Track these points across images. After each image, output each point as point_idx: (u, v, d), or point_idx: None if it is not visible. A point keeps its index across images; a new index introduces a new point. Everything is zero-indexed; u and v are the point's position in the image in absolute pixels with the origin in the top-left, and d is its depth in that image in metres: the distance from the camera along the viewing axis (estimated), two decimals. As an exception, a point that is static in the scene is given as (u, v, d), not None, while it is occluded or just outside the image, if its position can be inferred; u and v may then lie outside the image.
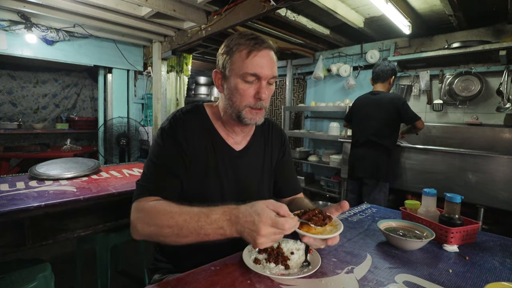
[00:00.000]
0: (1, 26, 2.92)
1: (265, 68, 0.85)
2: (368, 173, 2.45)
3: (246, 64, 0.84)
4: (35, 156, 3.60)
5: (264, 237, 0.62)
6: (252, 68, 0.84)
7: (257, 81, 0.86)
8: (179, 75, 3.99)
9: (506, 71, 2.58)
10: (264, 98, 0.87)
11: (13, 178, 1.60)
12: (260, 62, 0.85)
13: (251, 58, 0.84)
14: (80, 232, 1.38)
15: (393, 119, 2.35)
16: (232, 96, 0.88)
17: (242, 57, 0.85)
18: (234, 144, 0.97)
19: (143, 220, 0.76)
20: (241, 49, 0.85)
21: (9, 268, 1.22)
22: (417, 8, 2.59)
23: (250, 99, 0.87)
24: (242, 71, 0.85)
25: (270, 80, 0.88)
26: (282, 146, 1.10)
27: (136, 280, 2.09)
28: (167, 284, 0.67)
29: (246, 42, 0.85)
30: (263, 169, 1.02)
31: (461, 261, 0.84)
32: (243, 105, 0.87)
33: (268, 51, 0.87)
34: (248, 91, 0.86)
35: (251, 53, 0.84)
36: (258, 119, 0.90)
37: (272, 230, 0.62)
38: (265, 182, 1.03)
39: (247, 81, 0.85)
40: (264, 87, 0.87)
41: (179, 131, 0.89)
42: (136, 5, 2.66)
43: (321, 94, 4.16)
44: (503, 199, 2.12)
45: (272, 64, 0.87)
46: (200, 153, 0.91)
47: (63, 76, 4.94)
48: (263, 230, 0.62)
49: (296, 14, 2.73)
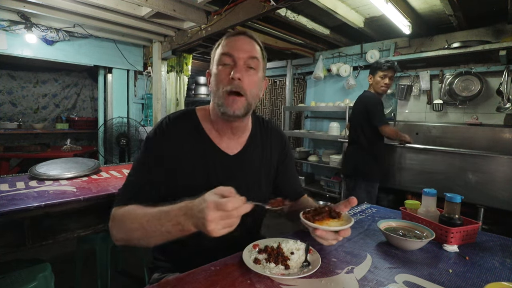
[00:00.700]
0: (1, 26, 2.92)
1: (240, 48, 0.84)
2: (347, 170, 2.61)
3: (222, 47, 0.86)
4: (35, 156, 3.60)
5: (212, 222, 0.60)
6: (227, 49, 0.85)
7: (233, 64, 0.84)
8: (179, 75, 3.99)
9: (506, 71, 2.58)
10: (237, 77, 0.82)
11: (13, 178, 1.60)
12: (235, 43, 0.85)
13: (227, 40, 0.87)
14: (80, 232, 1.38)
15: (366, 118, 2.38)
16: (213, 85, 0.88)
17: (221, 43, 0.88)
18: (228, 149, 0.93)
19: (115, 227, 0.79)
20: (221, 40, 0.89)
21: (9, 268, 1.22)
22: (417, 8, 2.59)
23: (225, 81, 0.84)
24: (218, 55, 0.86)
25: (249, 63, 0.85)
26: (283, 150, 1.05)
27: (136, 280, 2.09)
28: (167, 284, 0.67)
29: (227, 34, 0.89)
30: (261, 173, 0.98)
31: (461, 261, 0.84)
32: (220, 90, 0.85)
33: (245, 37, 0.88)
34: (224, 73, 0.84)
35: (228, 37, 0.87)
36: (236, 108, 0.83)
37: (218, 213, 0.60)
38: (263, 187, 0.99)
39: (223, 63, 0.85)
40: (238, 66, 0.83)
41: (163, 141, 0.86)
42: (136, 5, 2.66)
43: (321, 94, 4.16)
44: (503, 199, 2.12)
45: (250, 46, 0.86)
46: (188, 160, 0.87)
47: (63, 76, 4.94)
48: (209, 215, 0.60)
49: (296, 14, 2.73)
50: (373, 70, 2.41)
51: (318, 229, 0.74)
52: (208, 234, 0.62)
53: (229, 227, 0.63)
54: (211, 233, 0.61)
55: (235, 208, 0.61)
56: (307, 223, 0.75)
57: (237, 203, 0.62)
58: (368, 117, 2.36)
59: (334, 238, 0.75)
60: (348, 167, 2.60)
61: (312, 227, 0.75)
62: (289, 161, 1.08)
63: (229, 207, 0.60)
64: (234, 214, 0.62)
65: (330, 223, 0.77)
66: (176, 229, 0.67)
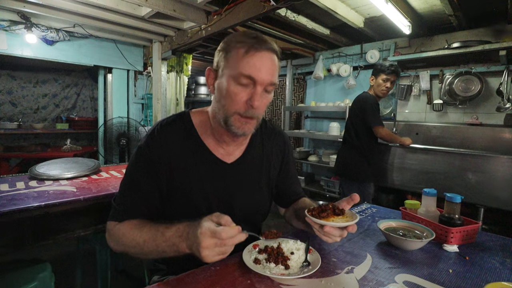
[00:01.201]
0: (1, 26, 2.93)
1: (263, 71, 0.74)
2: (337, 169, 2.63)
3: (241, 64, 0.74)
4: (35, 156, 3.60)
5: (206, 249, 0.62)
6: (248, 69, 0.74)
7: (252, 86, 0.76)
8: (179, 75, 3.99)
9: (506, 71, 2.58)
10: (257, 106, 0.76)
11: (13, 178, 1.60)
12: (258, 63, 0.74)
13: (248, 57, 0.74)
14: (80, 232, 1.38)
15: (361, 118, 2.39)
16: (222, 98, 0.78)
17: (239, 56, 0.75)
18: (225, 156, 0.88)
19: (113, 241, 0.80)
20: (239, 46, 0.75)
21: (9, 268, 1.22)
22: (417, 8, 2.59)
23: (240, 105, 0.76)
24: (236, 71, 0.74)
25: (267, 88, 0.78)
26: (285, 152, 1.02)
27: (136, 280, 2.09)
28: (167, 284, 0.67)
29: (246, 40, 0.76)
30: (261, 180, 0.94)
31: (461, 261, 0.84)
32: (232, 110, 0.77)
33: (270, 53, 0.77)
34: (240, 95, 0.76)
35: (249, 51, 0.74)
36: (247, 129, 0.80)
37: (212, 241, 0.62)
38: (263, 194, 0.95)
39: (240, 83, 0.75)
40: (258, 93, 0.76)
41: (155, 151, 0.81)
42: (136, 5, 2.66)
43: (321, 94, 4.16)
44: (503, 199, 2.12)
45: (272, 69, 0.77)
46: (183, 170, 0.83)
47: (63, 76, 4.94)
48: (204, 241, 0.62)
49: (296, 14, 2.73)
50: (376, 72, 2.40)
51: (325, 226, 0.74)
52: (201, 260, 0.64)
53: (222, 255, 0.65)
54: (204, 259, 0.63)
55: (230, 238, 0.63)
56: (315, 220, 0.75)
57: (232, 233, 0.63)
58: (362, 117, 2.36)
59: (340, 235, 0.74)
60: (338, 166, 2.60)
61: (319, 224, 0.75)
62: (291, 162, 1.05)
63: (224, 236, 0.62)
64: (228, 243, 0.64)
65: (336, 220, 0.77)
66: (171, 250, 0.70)
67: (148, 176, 0.82)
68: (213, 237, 0.62)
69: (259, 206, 0.95)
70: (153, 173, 0.82)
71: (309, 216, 0.77)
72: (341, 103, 3.61)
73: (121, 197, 0.84)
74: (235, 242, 0.64)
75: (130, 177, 0.85)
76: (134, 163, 0.85)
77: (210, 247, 0.63)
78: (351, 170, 2.45)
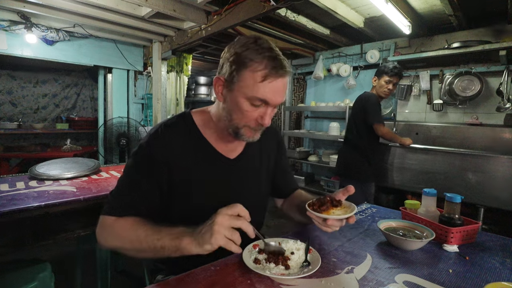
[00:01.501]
0: (1, 26, 2.92)
1: (277, 96, 0.77)
2: (339, 169, 2.63)
3: (258, 88, 0.75)
4: (35, 156, 3.60)
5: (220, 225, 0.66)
6: (264, 95, 0.76)
7: (264, 106, 0.79)
8: (179, 75, 3.99)
9: (506, 71, 2.58)
10: (267, 125, 0.81)
11: (13, 178, 1.60)
12: (273, 90, 0.76)
13: (265, 84, 0.75)
14: (80, 232, 1.38)
15: (362, 117, 2.38)
16: (233, 111, 0.80)
17: (255, 79, 0.75)
18: (228, 152, 0.90)
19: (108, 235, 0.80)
20: (255, 67, 0.74)
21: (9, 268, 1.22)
22: (417, 8, 2.59)
23: (251, 121, 0.80)
24: (252, 94, 0.76)
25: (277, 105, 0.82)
26: (279, 147, 1.07)
27: (136, 280, 2.09)
28: (167, 284, 0.67)
29: (263, 61, 0.74)
30: (261, 173, 0.98)
31: (461, 261, 0.84)
32: (242, 124, 0.81)
33: (286, 78, 0.78)
34: (252, 113, 0.79)
35: (266, 78, 0.74)
36: (256, 137, 0.85)
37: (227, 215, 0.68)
38: (264, 186, 1.00)
39: (253, 104, 0.78)
40: (269, 113, 0.80)
41: (157, 150, 0.82)
42: (136, 5, 2.66)
43: (321, 94, 4.16)
44: (503, 199, 2.12)
45: (284, 91, 0.80)
46: (185, 168, 0.84)
47: (63, 76, 4.94)
48: (219, 217, 0.67)
49: (296, 14, 2.73)
50: (379, 73, 2.40)
51: (328, 219, 0.78)
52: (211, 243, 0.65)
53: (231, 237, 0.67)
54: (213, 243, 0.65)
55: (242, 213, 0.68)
56: (317, 215, 0.79)
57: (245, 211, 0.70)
58: (364, 116, 2.36)
59: (340, 225, 0.80)
60: (339, 166, 2.61)
61: (322, 217, 0.79)
62: (284, 155, 1.10)
63: (238, 208, 0.69)
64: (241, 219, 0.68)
65: (335, 211, 0.81)
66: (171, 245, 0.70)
67: (149, 175, 0.82)
68: (229, 210, 0.68)
69: (262, 199, 0.99)
70: (154, 172, 0.82)
71: (311, 211, 0.80)
72: (341, 103, 3.61)
73: (119, 193, 0.83)
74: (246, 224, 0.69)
75: (130, 175, 0.84)
76: (134, 162, 0.85)
77: (225, 222, 0.66)
78: (352, 170, 2.45)
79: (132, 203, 0.81)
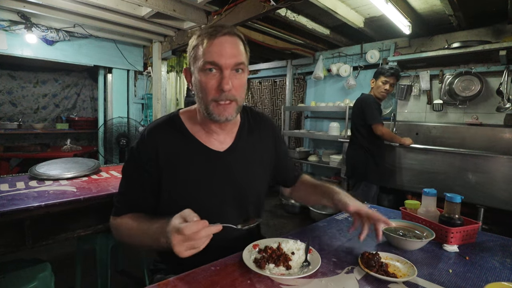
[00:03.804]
0: (1, 26, 2.93)
1: (224, 55, 0.78)
2: (347, 172, 2.68)
3: (204, 54, 0.79)
4: (35, 156, 3.60)
5: (176, 246, 0.64)
6: (210, 56, 0.78)
7: (219, 72, 0.79)
8: (179, 75, 3.99)
9: (506, 71, 2.58)
10: (228, 89, 0.79)
11: (13, 178, 1.60)
12: (218, 49, 0.78)
13: (208, 46, 0.78)
14: (80, 232, 1.38)
15: (362, 119, 2.42)
16: (198, 91, 0.83)
17: (201, 49, 0.79)
18: (218, 145, 0.91)
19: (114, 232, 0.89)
20: (200, 39, 0.81)
21: (9, 268, 1.22)
22: (417, 8, 2.59)
23: (213, 92, 0.80)
24: (201, 64, 0.79)
25: (237, 67, 0.81)
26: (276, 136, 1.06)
27: (136, 280, 2.09)
28: (167, 284, 0.67)
29: (205, 31, 0.81)
30: (256, 164, 0.97)
31: (461, 261, 0.84)
32: (208, 99, 0.81)
33: (229, 37, 0.80)
34: (210, 83, 0.80)
35: (208, 40, 0.79)
36: (228, 114, 0.82)
37: (180, 237, 0.64)
38: (259, 177, 0.99)
39: (207, 72, 0.79)
40: (226, 76, 0.79)
41: (146, 152, 0.85)
42: (136, 5, 2.66)
43: (321, 94, 4.16)
44: (503, 199, 2.12)
45: (234, 50, 0.80)
46: (177, 165, 0.86)
47: (63, 76, 4.94)
48: (172, 238, 0.65)
49: (296, 14, 2.73)
50: (376, 74, 2.46)
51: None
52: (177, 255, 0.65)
53: (194, 249, 0.65)
54: (178, 254, 0.65)
55: (194, 232, 0.63)
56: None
57: (194, 228, 0.63)
58: (364, 117, 2.39)
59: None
60: (347, 168, 2.67)
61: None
62: (282, 144, 1.10)
63: (186, 232, 0.63)
64: (195, 237, 0.64)
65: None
66: (156, 244, 0.73)
67: (139, 177, 0.87)
68: (179, 234, 0.64)
69: (257, 189, 0.98)
70: (144, 174, 0.86)
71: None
72: (341, 103, 3.61)
73: (118, 195, 0.91)
74: (202, 236, 0.64)
75: (124, 177, 0.92)
76: (126, 164, 0.93)
77: (179, 243, 0.64)
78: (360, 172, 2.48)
79: (127, 204, 0.88)
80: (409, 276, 0.71)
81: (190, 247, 0.65)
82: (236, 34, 0.82)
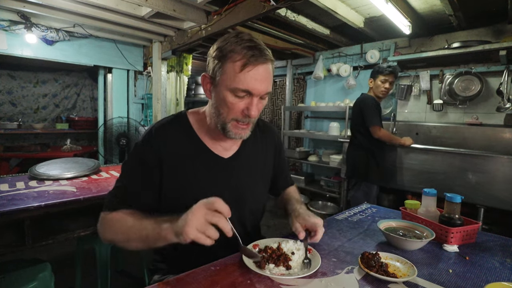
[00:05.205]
0: (1, 26, 2.92)
1: (259, 84, 0.77)
2: (347, 172, 2.66)
3: (238, 79, 0.75)
4: (35, 156, 3.60)
5: (194, 217, 0.64)
6: (245, 84, 0.76)
7: (248, 96, 0.79)
8: (179, 75, 3.99)
9: (506, 71, 2.58)
10: (254, 116, 0.80)
11: (13, 178, 1.60)
12: (254, 77, 0.76)
13: (244, 73, 0.75)
14: (80, 232, 1.38)
15: (361, 120, 2.41)
16: (219, 106, 0.82)
17: (235, 69, 0.75)
18: (223, 151, 0.91)
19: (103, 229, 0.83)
20: (235, 58, 0.75)
21: (9, 268, 1.22)
22: (417, 8, 2.59)
23: (238, 114, 0.80)
24: (233, 85, 0.76)
25: (263, 96, 0.81)
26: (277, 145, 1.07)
27: (136, 280, 2.09)
28: (167, 284, 0.67)
29: (242, 51, 0.75)
30: (257, 173, 0.98)
31: (461, 261, 0.84)
32: (229, 118, 0.81)
33: (266, 65, 0.77)
34: (237, 105, 0.79)
35: (245, 66, 0.75)
36: (243, 134, 0.84)
37: (203, 210, 0.66)
38: (260, 186, 0.99)
39: (237, 95, 0.78)
40: (255, 104, 0.79)
41: (153, 148, 0.85)
42: (136, 5, 2.66)
43: (321, 94, 4.16)
44: (503, 199, 2.12)
45: (267, 80, 0.79)
46: (180, 166, 0.85)
47: (63, 76, 4.94)
48: (195, 209, 0.66)
49: (296, 14, 2.73)
50: (374, 73, 2.43)
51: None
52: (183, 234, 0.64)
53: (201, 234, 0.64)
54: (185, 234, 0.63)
55: (221, 208, 0.66)
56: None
57: (225, 208, 0.67)
58: (363, 119, 2.38)
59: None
60: (348, 168, 2.65)
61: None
62: (283, 154, 1.11)
63: (217, 204, 0.66)
64: (218, 215, 0.65)
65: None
66: (154, 233, 0.71)
67: (142, 174, 0.85)
68: (206, 205, 0.66)
69: (257, 198, 0.98)
70: (147, 171, 0.85)
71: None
72: (341, 103, 3.61)
73: (114, 190, 0.87)
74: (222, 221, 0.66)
75: (124, 173, 0.88)
76: (129, 161, 0.89)
77: (199, 215, 0.65)
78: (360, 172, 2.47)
79: (123, 199, 0.84)
80: (409, 276, 0.71)
81: (201, 230, 0.64)
82: (271, 61, 0.80)
